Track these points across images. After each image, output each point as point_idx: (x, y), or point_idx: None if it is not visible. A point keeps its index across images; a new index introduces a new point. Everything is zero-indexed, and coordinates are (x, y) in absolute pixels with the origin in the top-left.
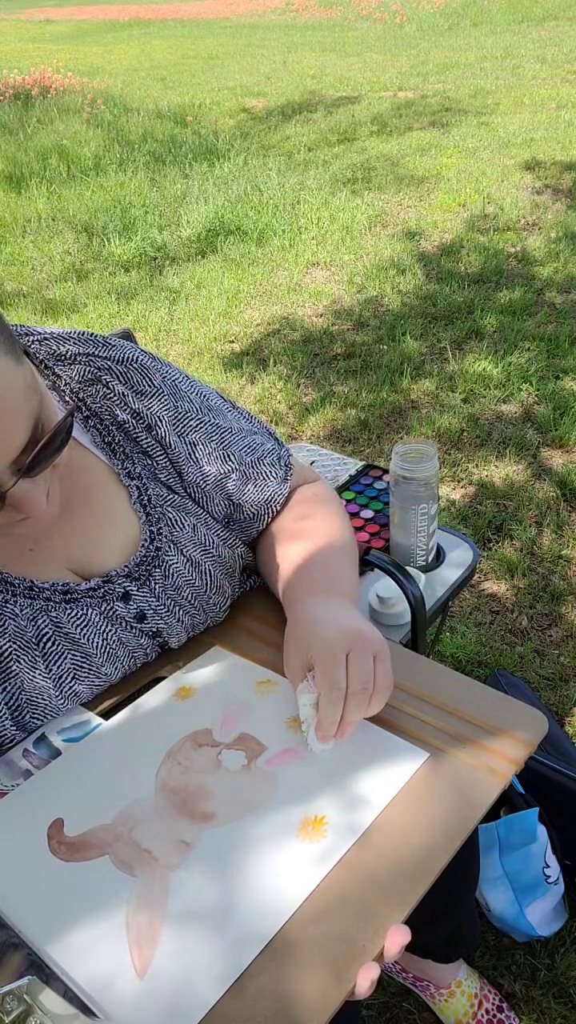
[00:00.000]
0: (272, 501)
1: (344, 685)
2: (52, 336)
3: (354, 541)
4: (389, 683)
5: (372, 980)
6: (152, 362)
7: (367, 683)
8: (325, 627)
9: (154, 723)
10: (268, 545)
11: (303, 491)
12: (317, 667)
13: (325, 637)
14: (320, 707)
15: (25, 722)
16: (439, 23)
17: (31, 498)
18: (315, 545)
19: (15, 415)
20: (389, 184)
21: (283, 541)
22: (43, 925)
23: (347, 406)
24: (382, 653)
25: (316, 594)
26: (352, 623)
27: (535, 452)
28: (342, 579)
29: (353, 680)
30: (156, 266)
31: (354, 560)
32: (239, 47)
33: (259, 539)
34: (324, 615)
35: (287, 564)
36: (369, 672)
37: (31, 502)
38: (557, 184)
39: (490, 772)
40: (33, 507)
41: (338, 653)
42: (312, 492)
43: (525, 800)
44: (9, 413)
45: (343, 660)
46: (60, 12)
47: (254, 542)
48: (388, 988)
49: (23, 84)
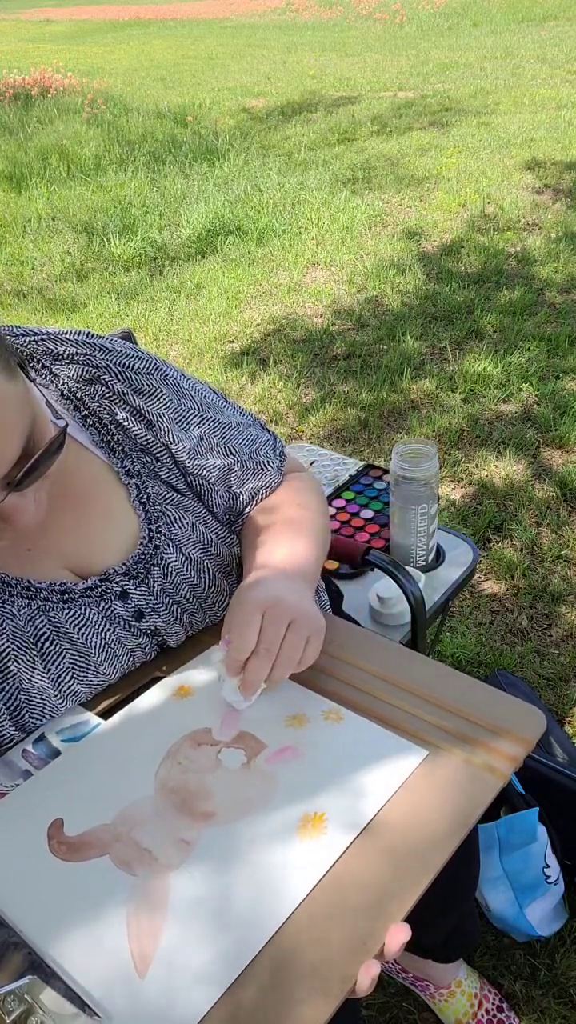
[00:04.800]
0: (267, 487)
1: (249, 645)
2: (50, 336)
3: (327, 529)
4: (295, 655)
5: (372, 978)
6: (151, 361)
7: (271, 647)
8: (250, 591)
9: (153, 722)
10: (248, 528)
11: (290, 479)
12: (232, 626)
13: (245, 598)
14: (226, 662)
15: (24, 722)
16: (439, 23)
17: (20, 510)
18: (287, 529)
19: (7, 432)
20: (389, 184)
21: (261, 525)
22: (43, 925)
23: (347, 406)
24: (300, 625)
25: (268, 566)
26: (277, 591)
27: (535, 452)
28: (299, 559)
29: (259, 642)
30: (156, 266)
31: (323, 546)
32: (239, 47)
33: (244, 523)
34: (260, 582)
35: (257, 544)
36: (276, 637)
37: (20, 514)
38: (557, 184)
39: (489, 770)
40: (20, 519)
41: (252, 614)
42: (297, 481)
43: (525, 800)
44: (1, 430)
45: (256, 622)
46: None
47: None
48: (388, 988)
49: (23, 84)
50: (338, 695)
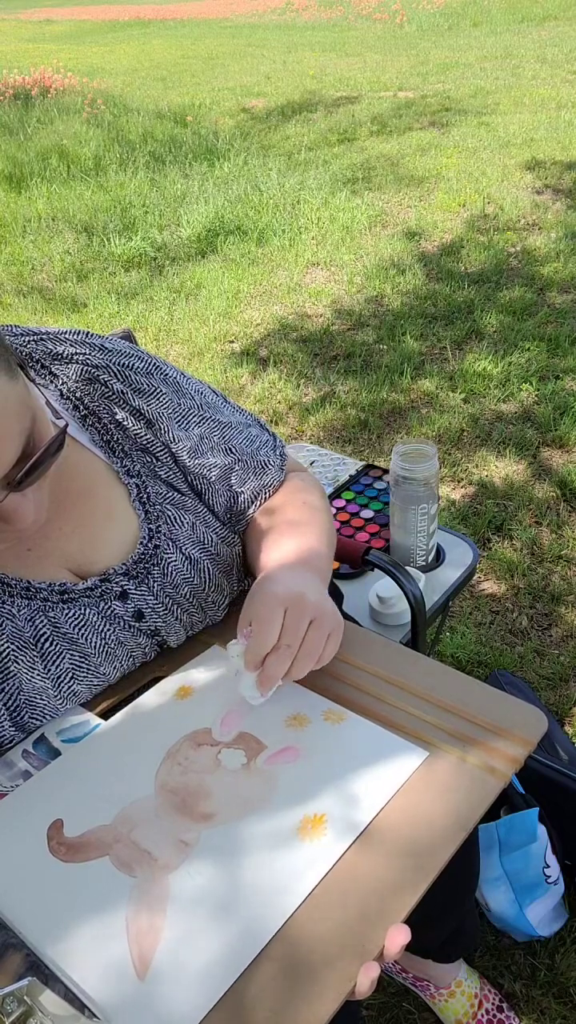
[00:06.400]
0: (269, 487)
1: (271, 640)
2: (49, 335)
3: (332, 528)
4: (316, 652)
5: (372, 979)
6: (150, 360)
7: (293, 643)
8: (272, 584)
9: (153, 723)
10: (254, 528)
11: (291, 478)
12: (254, 620)
13: (268, 592)
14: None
15: (24, 723)
16: (439, 23)
17: (20, 511)
18: (296, 527)
19: (7, 432)
20: (389, 184)
21: (268, 525)
22: (43, 926)
23: (347, 406)
24: (321, 622)
25: (284, 562)
26: (299, 587)
27: (535, 452)
28: (313, 556)
29: (281, 637)
30: (156, 266)
31: (331, 544)
32: (239, 47)
33: (248, 524)
34: (280, 577)
35: (267, 543)
36: (298, 633)
37: (20, 515)
38: (557, 184)
39: (490, 771)
40: (21, 519)
41: (275, 609)
42: (299, 480)
43: (525, 800)
44: (1, 430)
45: (278, 617)
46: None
47: None
48: (388, 988)
49: (23, 84)
50: (338, 695)
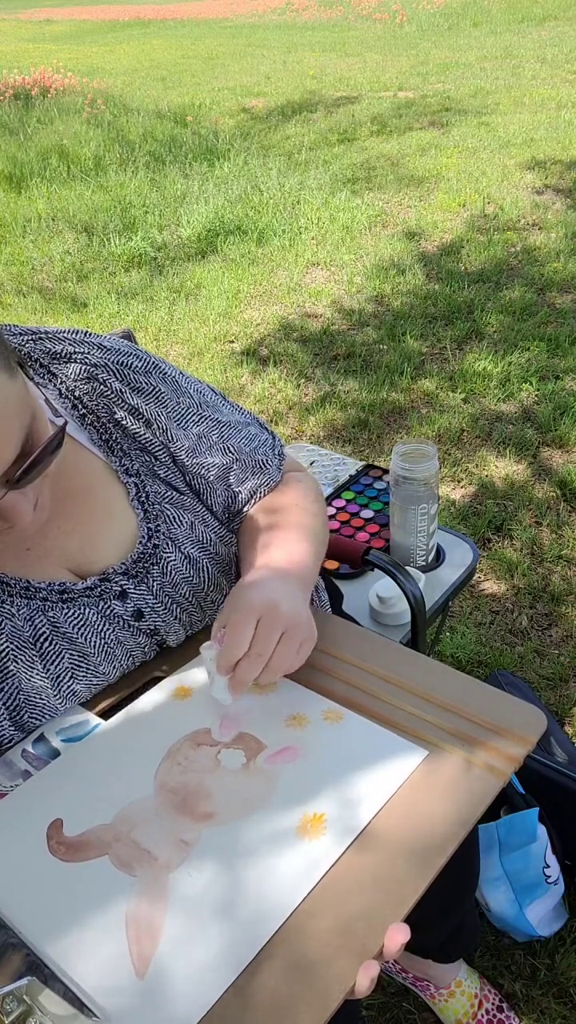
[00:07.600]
0: (266, 486)
1: (242, 648)
2: (48, 335)
3: (324, 531)
4: (286, 663)
5: (372, 978)
6: (149, 359)
7: (263, 652)
8: (249, 591)
9: (153, 723)
10: (245, 527)
11: (289, 479)
12: (228, 626)
13: (243, 598)
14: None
15: (23, 722)
16: (439, 23)
17: (19, 509)
18: (284, 531)
19: (7, 430)
20: (389, 184)
21: (258, 526)
22: (43, 925)
23: (347, 406)
24: (293, 633)
25: (265, 568)
26: (275, 596)
27: (535, 452)
28: (296, 562)
29: (252, 646)
30: (156, 266)
31: (319, 549)
32: (239, 47)
33: (242, 522)
34: (258, 583)
35: (254, 545)
36: (269, 644)
37: (19, 513)
38: (557, 184)
39: (489, 770)
40: (20, 517)
41: (248, 617)
42: (296, 481)
43: (525, 800)
44: (1, 428)
45: (250, 624)
46: (60, 12)
47: None
48: (388, 988)
49: (23, 84)
50: (338, 695)
